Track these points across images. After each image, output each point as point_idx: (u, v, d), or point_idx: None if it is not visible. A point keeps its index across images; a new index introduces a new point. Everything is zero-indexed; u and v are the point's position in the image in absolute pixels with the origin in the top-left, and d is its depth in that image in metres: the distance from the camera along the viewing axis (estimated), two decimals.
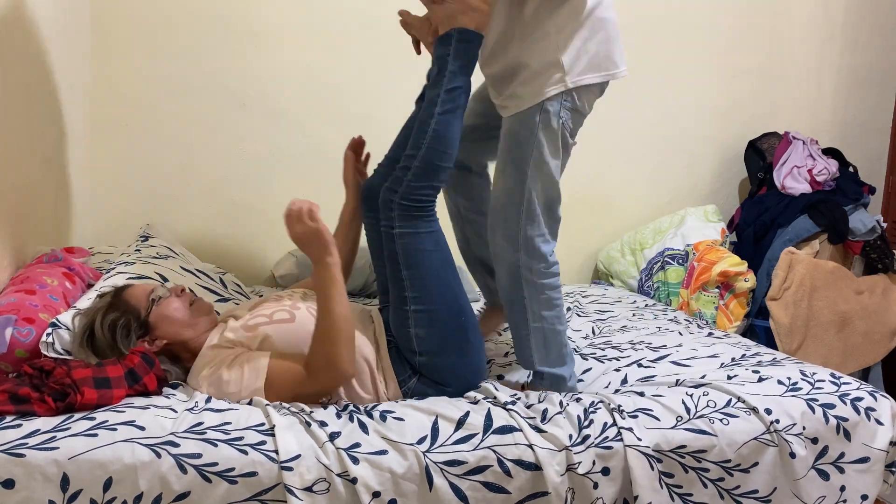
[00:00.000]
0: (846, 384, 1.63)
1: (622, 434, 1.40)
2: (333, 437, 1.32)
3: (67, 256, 1.92)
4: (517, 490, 1.34)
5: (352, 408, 1.45)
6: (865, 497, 1.54)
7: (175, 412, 1.36)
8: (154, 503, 1.23)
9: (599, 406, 1.48)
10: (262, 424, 1.34)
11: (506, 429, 1.38)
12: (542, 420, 1.42)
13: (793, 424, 1.49)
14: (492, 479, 1.33)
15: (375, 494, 1.28)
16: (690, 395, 1.54)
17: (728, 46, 3.03)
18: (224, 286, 2.16)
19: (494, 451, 1.35)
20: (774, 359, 1.80)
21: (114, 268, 1.92)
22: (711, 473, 1.44)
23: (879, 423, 1.56)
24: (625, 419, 1.44)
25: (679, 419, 1.46)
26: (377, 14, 2.60)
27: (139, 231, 2.47)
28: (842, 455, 1.53)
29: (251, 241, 2.71)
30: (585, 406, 1.47)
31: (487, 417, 1.40)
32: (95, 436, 1.25)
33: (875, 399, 1.59)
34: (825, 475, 1.51)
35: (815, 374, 1.66)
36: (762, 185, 2.92)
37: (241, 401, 1.45)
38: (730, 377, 1.66)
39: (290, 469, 1.26)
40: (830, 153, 2.93)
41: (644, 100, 2.94)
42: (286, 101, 2.65)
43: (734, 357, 1.81)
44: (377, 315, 1.73)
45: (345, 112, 2.68)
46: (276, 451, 1.28)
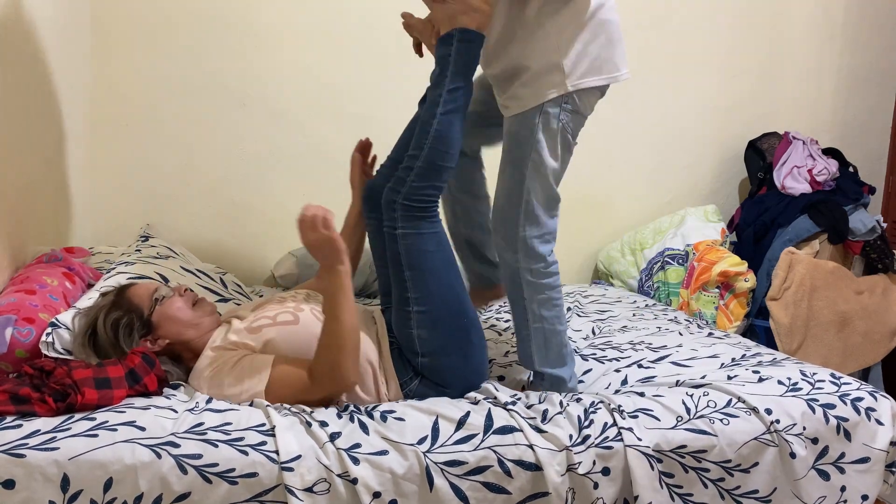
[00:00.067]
0: (846, 384, 1.63)
1: (622, 434, 1.40)
2: (334, 438, 1.32)
3: (67, 256, 1.92)
4: (517, 490, 1.34)
5: (352, 408, 1.45)
6: (866, 497, 1.54)
7: (175, 412, 1.36)
8: None
9: (600, 406, 1.48)
10: (263, 425, 1.34)
11: (506, 429, 1.39)
12: (543, 420, 1.42)
13: (793, 424, 1.49)
14: (492, 480, 1.33)
15: (376, 495, 1.28)
16: (691, 396, 1.54)
17: (728, 46, 3.03)
18: (224, 286, 2.16)
19: (495, 452, 1.35)
20: (774, 359, 1.80)
21: (114, 268, 1.91)
22: (712, 473, 1.44)
23: (880, 424, 1.56)
24: (625, 419, 1.44)
25: (679, 419, 1.46)
26: (377, 14, 2.60)
27: (139, 231, 2.47)
28: (842, 455, 1.53)
29: (251, 241, 2.71)
30: (586, 406, 1.47)
31: (488, 418, 1.41)
32: (96, 436, 1.25)
33: (875, 399, 1.59)
34: (825, 475, 1.51)
35: (816, 375, 1.66)
36: (762, 185, 2.92)
37: (242, 403, 1.45)
38: (730, 377, 1.66)
39: (291, 470, 1.26)
40: (830, 153, 2.93)
41: (644, 100, 2.94)
42: (286, 101, 2.65)
43: (734, 357, 1.81)
44: (379, 316, 1.73)
45: (345, 112, 2.68)
46: (277, 452, 1.28)
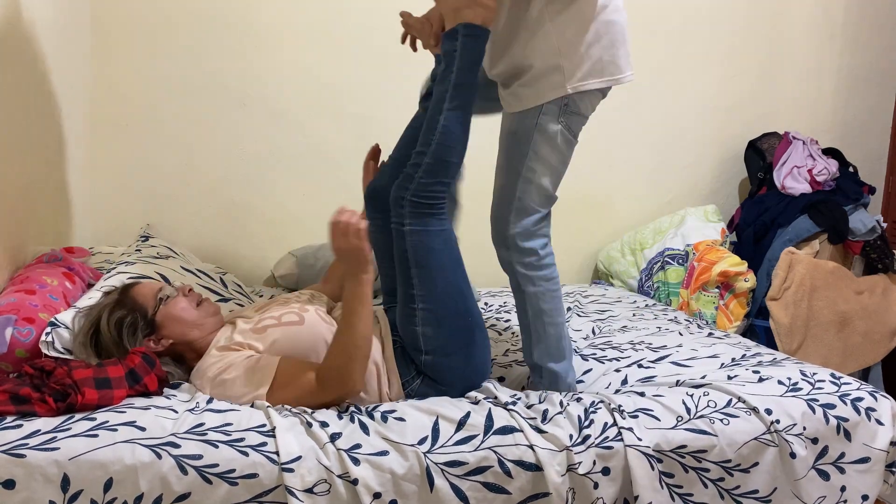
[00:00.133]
0: (846, 384, 1.63)
1: (622, 434, 1.40)
2: (334, 439, 1.32)
3: (67, 256, 1.92)
4: (518, 490, 1.34)
5: (353, 409, 1.45)
6: (866, 497, 1.54)
7: (176, 413, 1.36)
8: None
9: (600, 406, 1.48)
10: (263, 426, 1.34)
11: (506, 429, 1.39)
12: (543, 420, 1.42)
13: (793, 424, 1.49)
14: (492, 480, 1.33)
15: (376, 495, 1.28)
16: (691, 396, 1.54)
17: (728, 46, 3.03)
18: (224, 286, 2.16)
19: (495, 452, 1.35)
20: (774, 359, 1.80)
21: (114, 267, 1.92)
22: (712, 473, 1.44)
23: (880, 424, 1.56)
24: (625, 419, 1.44)
25: (679, 419, 1.46)
26: (377, 14, 2.60)
27: (139, 231, 2.47)
28: (842, 455, 1.53)
29: (251, 241, 2.71)
30: (586, 406, 1.47)
31: (488, 418, 1.40)
32: (96, 436, 1.25)
33: (875, 399, 1.59)
34: (825, 475, 1.51)
35: (816, 375, 1.66)
36: (762, 185, 2.92)
37: (244, 404, 1.45)
38: (730, 377, 1.66)
39: (291, 471, 1.26)
40: (830, 153, 2.93)
41: (644, 100, 2.94)
42: (286, 101, 2.65)
43: (734, 357, 1.81)
44: (382, 315, 1.73)
45: (345, 112, 2.68)
46: (277, 453, 1.28)
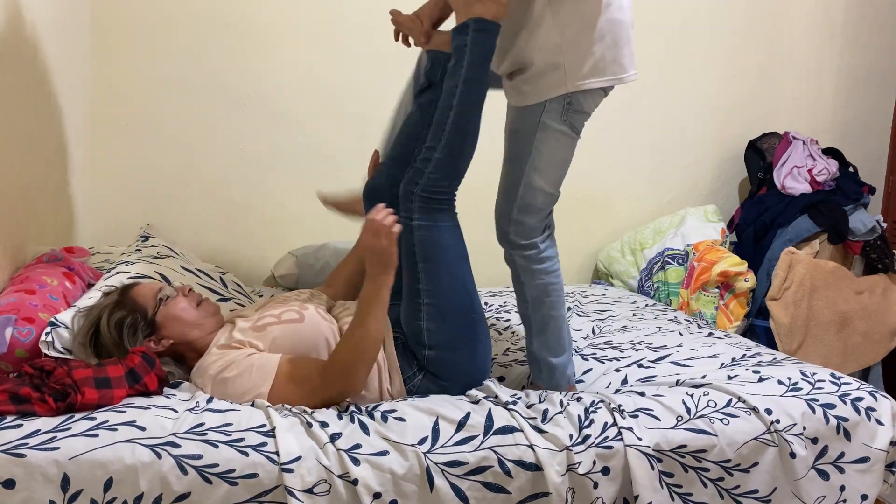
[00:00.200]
0: (846, 384, 1.63)
1: (622, 434, 1.40)
2: (334, 439, 1.32)
3: (67, 256, 1.92)
4: (518, 490, 1.34)
5: (353, 409, 1.45)
6: (865, 497, 1.54)
7: (176, 412, 1.36)
8: None
9: (600, 406, 1.48)
10: (263, 426, 1.34)
11: (506, 429, 1.39)
12: (543, 420, 1.43)
13: (793, 424, 1.49)
14: (492, 480, 1.33)
15: (376, 495, 1.28)
16: (691, 395, 1.54)
17: (728, 46, 3.02)
18: (224, 286, 2.16)
19: (495, 452, 1.35)
20: (774, 359, 1.80)
21: (114, 267, 1.91)
22: (711, 473, 1.44)
23: (880, 423, 1.56)
24: (625, 419, 1.44)
25: (679, 419, 1.46)
26: (377, 14, 2.58)
27: (139, 231, 2.47)
28: (842, 455, 1.53)
29: (251, 241, 2.71)
30: (586, 406, 1.47)
31: (488, 418, 1.40)
32: (96, 436, 1.25)
33: (875, 399, 1.59)
34: (825, 475, 1.51)
35: (816, 375, 1.66)
36: (762, 185, 2.92)
37: (246, 402, 1.45)
38: (730, 377, 1.66)
39: (291, 471, 1.26)
40: (830, 153, 2.93)
41: (644, 100, 2.93)
42: (286, 101, 2.64)
43: (734, 357, 1.81)
44: None
45: (345, 112, 2.68)
46: (277, 453, 1.28)
